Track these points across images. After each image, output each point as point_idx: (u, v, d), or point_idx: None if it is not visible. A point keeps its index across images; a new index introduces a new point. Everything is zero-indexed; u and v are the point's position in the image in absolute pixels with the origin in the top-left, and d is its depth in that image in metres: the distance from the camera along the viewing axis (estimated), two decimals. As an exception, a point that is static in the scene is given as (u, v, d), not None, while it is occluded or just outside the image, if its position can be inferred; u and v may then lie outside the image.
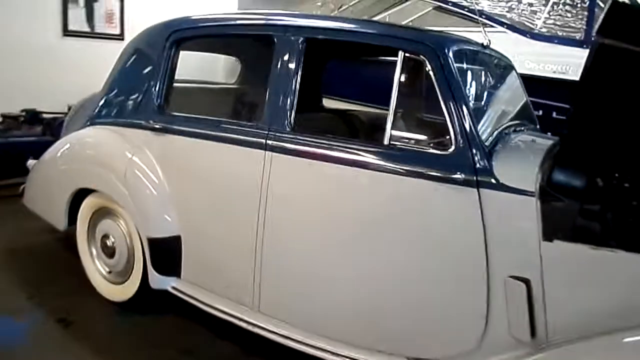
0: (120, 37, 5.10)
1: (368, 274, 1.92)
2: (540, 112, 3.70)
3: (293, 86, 2.04)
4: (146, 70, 2.54)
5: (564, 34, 4.16)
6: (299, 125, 2.04)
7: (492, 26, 4.18)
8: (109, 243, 2.68)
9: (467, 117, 1.77)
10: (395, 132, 1.85)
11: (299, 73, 2.03)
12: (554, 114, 3.56)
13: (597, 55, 2.14)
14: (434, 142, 1.84)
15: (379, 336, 1.94)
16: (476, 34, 4.26)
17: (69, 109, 4.65)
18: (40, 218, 3.01)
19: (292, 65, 2.04)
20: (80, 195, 2.76)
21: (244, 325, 2.21)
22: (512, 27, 4.20)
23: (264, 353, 2.37)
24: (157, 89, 2.46)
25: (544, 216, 1.68)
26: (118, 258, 2.65)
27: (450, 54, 1.83)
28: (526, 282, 1.70)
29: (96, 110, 2.82)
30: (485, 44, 2.28)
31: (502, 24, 4.24)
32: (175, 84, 2.50)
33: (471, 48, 2.13)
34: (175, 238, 2.40)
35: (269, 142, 2.06)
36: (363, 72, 4.17)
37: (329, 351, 2.00)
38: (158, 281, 2.45)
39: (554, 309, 1.69)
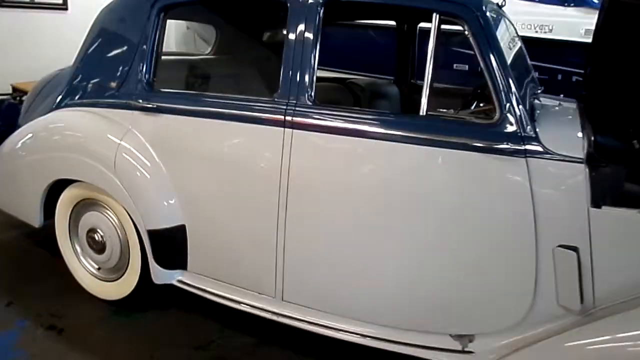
0: (63, 6, 4.62)
1: (408, 252, 1.84)
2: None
3: (313, 55, 1.87)
4: (128, 43, 2.26)
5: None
6: (319, 98, 1.89)
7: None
8: (97, 237, 2.45)
9: (511, 83, 1.68)
10: (432, 102, 1.74)
11: (319, 40, 1.86)
12: (537, 75, 3.59)
13: (608, 12, 2.11)
14: (476, 110, 1.75)
15: (421, 315, 1.88)
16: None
17: (14, 90, 4.22)
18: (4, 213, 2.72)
19: (310, 33, 1.86)
20: (57, 187, 2.48)
21: (267, 315, 2.09)
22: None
23: (280, 342, 2.28)
24: (144, 64, 2.20)
25: (592, 183, 1.65)
26: (110, 253, 2.43)
27: (488, 15, 1.73)
28: (575, 250, 1.67)
29: (65, 91, 2.51)
30: (500, 3, 2.19)
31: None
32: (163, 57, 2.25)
33: (495, 8, 2.03)
34: (179, 228, 2.21)
35: (289, 118, 1.90)
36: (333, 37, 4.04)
37: (368, 336, 1.93)
38: (162, 275, 2.27)
39: (602, 275, 1.68)
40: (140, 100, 2.20)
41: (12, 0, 4.29)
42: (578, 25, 3.69)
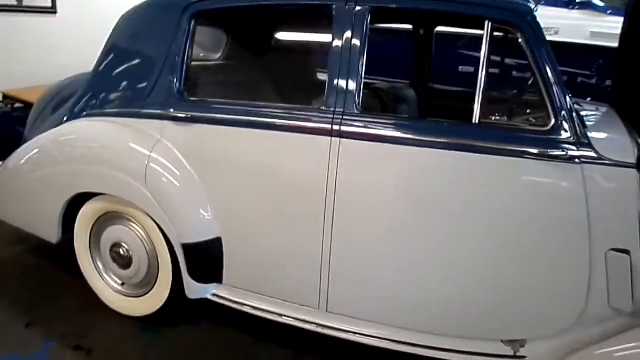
0: (52, 9, 4.48)
1: (461, 260, 1.86)
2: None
3: (360, 63, 1.87)
4: (155, 51, 2.21)
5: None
6: (364, 106, 1.89)
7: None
8: (122, 252, 2.38)
9: (563, 89, 1.72)
10: (485, 109, 1.77)
11: (365, 47, 1.86)
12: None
13: (634, 17, 2.18)
14: (529, 117, 1.79)
15: (472, 321, 1.90)
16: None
17: (4, 97, 4.07)
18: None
19: (357, 40, 1.86)
20: (76, 201, 2.41)
21: (311, 327, 2.08)
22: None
23: (317, 352, 2.27)
24: (175, 72, 2.15)
25: (643, 186, 1.70)
26: (136, 268, 2.37)
27: (539, 21, 1.76)
28: (627, 252, 1.72)
29: (84, 101, 2.44)
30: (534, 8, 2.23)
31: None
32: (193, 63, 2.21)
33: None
34: (215, 240, 2.17)
35: (336, 127, 1.89)
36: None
37: (417, 344, 1.94)
38: (196, 290, 2.23)
39: (653, 276, 1.73)
40: (172, 110, 2.16)
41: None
42: (583, 28, 3.80)
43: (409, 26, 3.02)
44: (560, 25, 3.75)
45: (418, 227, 1.89)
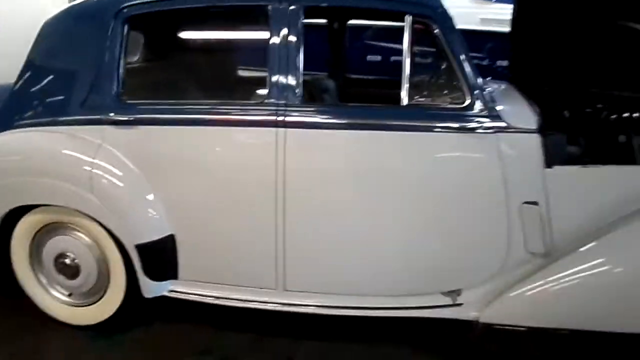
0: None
1: (401, 227, 2.12)
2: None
3: (298, 57, 2.05)
4: (88, 57, 2.22)
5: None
6: (310, 95, 2.08)
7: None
8: (68, 262, 2.38)
9: (474, 72, 2.03)
10: (412, 93, 2.03)
11: (302, 42, 2.05)
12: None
13: (520, 4, 2.59)
14: (448, 97, 2.08)
15: (415, 280, 2.17)
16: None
17: None
18: None
19: (294, 36, 2.04)
20: (9, 218, 2.36)
21: (270, 307, 2.24)
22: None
23: (279, 332, 2.43)
24: (112, 76, 2.19)
25: (544, 148, 2.06)
26: (85, 276, 2.38)
27: (449, 13, 2.06)
28: (537, 204, 2.08)
29: (9, 112, 2.39)
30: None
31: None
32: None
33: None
34: (168, 238, 2.25)
35: (281, 118, 2.06)
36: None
37: (367, 307, 2.18)
38: (153, 288, 2.29)
39: (558, 222, 2.10)
40: (112, 114, 2.20)
41: None
42: (474, 15, 4.28)
43: (323, 20, 3.24)
44: (455, 13, 4.16)
45: (361, 203, 2.12)
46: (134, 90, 2.26)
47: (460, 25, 4.19)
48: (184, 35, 2.60)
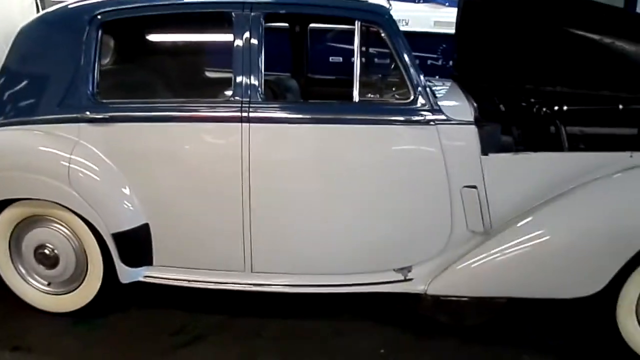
0: None
1: (354, 210, 2.37)
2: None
3: (260, 59, 2.29)
4: (64, 60, 2.40)
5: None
6: (273, 93, 2.32)
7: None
8: (47, 252, 2.55)
9: (417, 70, 2.30)
10: (362, 90, 2.29)
11: (263, 45, 2.29)
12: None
13: (464, 10, 2.89)
14: (394, 94, 2.34)
15: (370, 259, 2.42)
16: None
17: None
18: None
19: (256, 39, 2.27)
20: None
21: (239, 287, 2.47)
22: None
23: (247, 312, 2.66)
24: (88, 78, 2.37)
25: (480, 137, 2.35)
26: (64, 265, 2.55)
27: (394, 19, 2.32)
28: (475, 187, 2.37)
29: (-12, 111, 2.55)
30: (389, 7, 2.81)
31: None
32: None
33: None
34: (143, 227, 2.45)
35: (245, 114, 2.29)
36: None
37: (327, 284, 2.43)
38: (129, 274, 2.49)
39: (494, 204, 2.39)
40: (88, 113, 2.38)
41: None
42: (428, 18, 4.60)
43: (285, 24, 3.48)
44: (410, 17, 4.50)
45: (319, 190, 2.37)
46: (108, 90, 2.46)
47: (415, 27, 4.55)
48: (154, 38, 2.80)
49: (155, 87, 2.67)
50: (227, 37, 2.30)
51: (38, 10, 5.78)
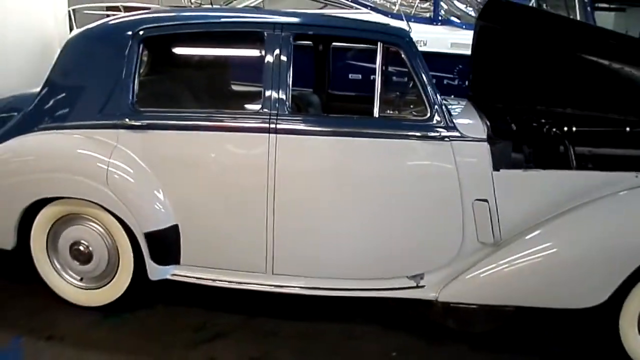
0: None
1: (373, 220, 2.54)
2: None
3: (288, 74, 2.48)
4: (108, 70, 2.62)
5: (416, 13, 5.27)
6: (297, 107, 2.52)
7: (358, 8, 5.08)
8: (82, 249, 2.74)
9: (434, 89, 2.48)
10: (382, 107, 2.48)
11: (292, 62, 2.49)
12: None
13: (480, 34, 3.07)
14: (412, 111, 2.52)
15: (385, 266, 2.58)
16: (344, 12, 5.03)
17: None
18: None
19: (285, 57, 2.47)
20: (30, 210, 2.72)
21: (261, 288, 2.63)
22: (375, 9, 5.14)
23: (266, 312, 2.82)
24: (128, 87, 2.59)
25: (492, 154, 2.51)
26: (97, 262, 2.74)
27: (414, 41, 2.51)
28: (486, 201, 2.52)
29: (34, 117, 2.76)
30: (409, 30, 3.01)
31: (366, 6, 5.17)
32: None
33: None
34: (173, 227, 2.64)
35: (272, 125, 2.49)
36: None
37: (344, 288, 2.59)
38: (158, 272, 2.67)
39: (504, 217, 2.54)
40: (127, 120, 2.59)
41: None
42: (445, 40, 4.81)
43: (309, 42, 3.70)
44: (428, 38, 4.70)
45: (339, 200, 2.54)
46: (145, 99, 2.67)
47: (433, 48, 4.74)
48: (188, 52, 3.02)
49: (187, 98, 2.88)
50: (257, 53, 2.50)
51: (71, 22, 6.12)
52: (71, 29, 5.95)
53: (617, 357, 2.43)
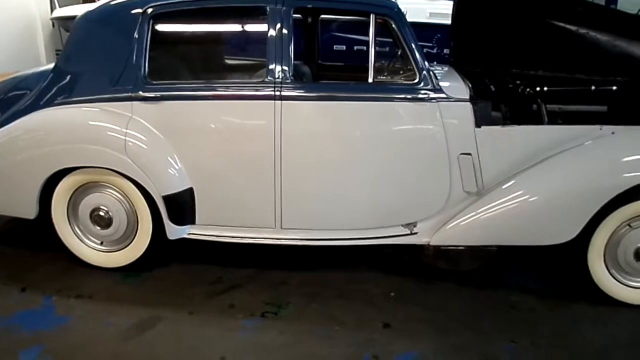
0: None
1: (371, 174, 2.86)
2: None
3: (290, 45, 2.77)
4: (120, 46, 2.85)
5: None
6: (294, 76, 2.81)
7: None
8: (102, 214, 3.02)
9: (422, 56, 2.81)
10: (375, 73, 2.79)
11: (292, 34, 2.77)
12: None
13: (459, 3, 3.40)
14: (403, 76, 2.84)
15: (382, 216, 2.92)
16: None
17: None
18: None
19: (286, 30, 2.76)
20: (51, 180, 2.96)
21: (270, 241, 2.95)
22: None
23: (274, 265, 3.16)
24: (141, 61, 2.84)
25: (474, 112, 2.86)
26: (117, 225, 3.02)
27: (403, 11, 2.82)
28: (470, 155, 2.88)
29: (49, 93, 2.98)
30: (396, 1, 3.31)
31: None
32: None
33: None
34: (188, 190, 2.92)
35: (277, 92, 2.78)
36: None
37: (346, 238, 2.93)
38: (176, 232, 2.97)
39: (486, 168, 2.90)
40: (141, 92, 2.85)
41: None
42: (424, 10, 5.13)
43: (299, 16, 3.96)
44: (408, 8, 5.00)
45: (340, 157, 2.86)
46: (157, 73, 2.92)
47: (412, 19, 5.05)
48: (198, 28, 3.26)
49: (195, 70, 3.14)
50: (261, 27, 2.77)
51: (52, 1, 6.22)
52: (52, 9, 6.08)
53: (588, 289, 2.84)
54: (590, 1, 3.70)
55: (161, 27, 2.90)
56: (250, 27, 3.06)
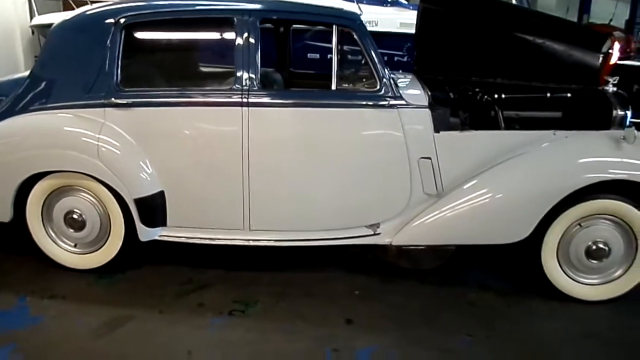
0: None
1: (333, 178, 3.01)
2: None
3: (257, 55, 2.92)
4: (93, 55, 2.98)
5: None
6: (263, 84, 2.96)
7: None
8: (76, 217, 3.13)
9: (383, 65, 2.97)
10: (339, 80, 2.95)
11: (259, 44, 2.93)
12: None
13: (422, 14, 3.59)
14: (365, 84, 3.01)
15: (346, 218, 3.07)
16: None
17: None
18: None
19: (253, 39, 2.91)
20: (25, 184, 3.07)
21: (239, 242, 3.09)
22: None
23: (242, 267, 3.29)
24: (114, 69, 2.96)
25: (433, 118, 3.03)
26: (90, 228, 3.13)
27: (364, 23, 2.99)
28: (429, 159, 3.05)
29: (25, 100, 3.09)
30: (360, 13, 3.49)
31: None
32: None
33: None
34: (159, 193, 3.05)
35: (245, 99, 2.92)
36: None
37: (312, 239, 3.08)
38: (148, 233, 3.08)
39: (444, 172, 3.07)
40: (114, 99, 2.98)
41: None
42: (395, 20, 5.33)
43: (271, 25, 4.12)
44: (379, 19, 5.22)
45: (305, 161, 3.01)
46: (129, 80, 3.05)
47: (383, 28, 5.26)
48: (168, 37, 3.41)
49: (166, 78, 3.27)
50: (229, 36, 2.92)
51: (31, 9, 6.31)
52: (32, 17, 6.18)
53: (542, 286, 3.01)
54: (546, 13, 3.91)
55: (133, 37, 3.04)
56: (220, 37, 3.21)
